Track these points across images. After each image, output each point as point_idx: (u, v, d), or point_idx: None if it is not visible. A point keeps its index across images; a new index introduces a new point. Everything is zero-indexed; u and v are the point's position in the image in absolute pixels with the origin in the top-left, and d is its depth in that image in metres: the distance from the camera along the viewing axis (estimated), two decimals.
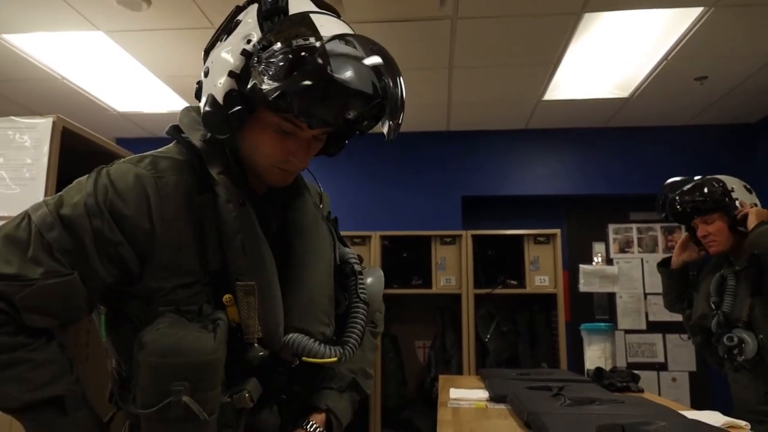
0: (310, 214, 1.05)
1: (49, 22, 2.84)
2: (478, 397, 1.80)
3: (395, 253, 3.84)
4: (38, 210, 0.86)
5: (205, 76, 0.91)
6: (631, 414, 1.33)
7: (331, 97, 0.81)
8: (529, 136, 4.52)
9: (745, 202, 2.17)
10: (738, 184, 2.24)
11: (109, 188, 0.87)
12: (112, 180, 0.88)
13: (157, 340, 0.83)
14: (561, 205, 4.61)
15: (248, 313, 0.89)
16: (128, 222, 0.86)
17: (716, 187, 2.21)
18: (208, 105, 0.88)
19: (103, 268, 0.86)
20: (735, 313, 2.11)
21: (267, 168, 0.94)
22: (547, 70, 3.42)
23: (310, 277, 0.99)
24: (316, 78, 0.79)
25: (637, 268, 4.49)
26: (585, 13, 2.76)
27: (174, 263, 0.88)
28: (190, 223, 0.90)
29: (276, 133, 0.90)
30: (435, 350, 3.72)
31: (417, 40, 3.04)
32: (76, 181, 0.92)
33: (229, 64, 0.85)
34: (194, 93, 0.97)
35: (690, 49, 3.09)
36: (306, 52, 0.79)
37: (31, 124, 1.61)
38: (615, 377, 2.09)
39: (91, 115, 4.13)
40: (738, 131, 4.34)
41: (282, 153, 0.92)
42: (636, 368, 3.16)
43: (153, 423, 0.83)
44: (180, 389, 0.81)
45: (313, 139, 0.94)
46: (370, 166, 4.51)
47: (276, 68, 0.79)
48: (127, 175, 0.88)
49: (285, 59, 0.79)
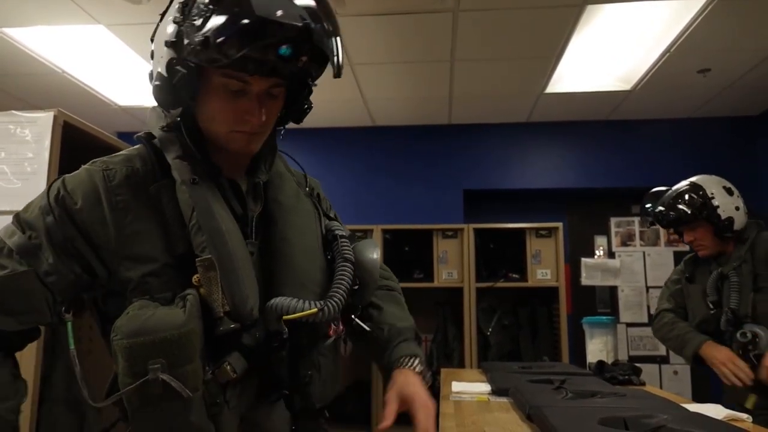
0: (291, 191, 1.06)
1: (49, 15, 2.84)
2: (480, 390, 1.80)
3: (397, 246, 3.84)
4: (7, 222, 0.93)
5: (152, 59, 0.92)
6: (632, 407, 1.33)
7: (256, 34, 0.79)
8: (530, 129, 4.51)
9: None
10: (718, 187, 2.23)
11: (60, 188, 0.91)
12: (64, 181, 0.92)
13: (125, 323, 0.83)
14: (563, 199, 4.60)
15: (210, 288, 0.88)
16: (79, 215, 0.89)
17: (695, 198, 2.22)
18: (155, 80, 0.89)
19: (62, 265, 0.88)
20: (742, 309, 2.11)
21: (228, 136, 0.92)
22: (549, 63, 3.41)
23: (295, 250, 0.99)
24: (235, 14, 0.78)
25: (639, 261, 4.49)
26: (587, 5, 2.75)
27: (135, 252, 0.89)
28: (148, 210, 0.91)
29: (225, 94, 0.89)
30: (437, 344, 3.73)
31: (418, 33, 3.03)
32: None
33: (165, 35, 0.86)
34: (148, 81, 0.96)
35: (693, 41, 3.08)
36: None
37: (32, 118, 1.61)
38: (617, 370, 2.09)
39: (92, 109, 4.12)
40: (740, 124, 4.33)
41: (236, 113, 0.90)
42: (638, 361, 3.16)
43: (137, 409, 0.82)
44: (156, 367, 0.80)
45: (266, 96, 0.91)
46: (372, 159, 4.50)
47: (202, 20, 0.80)
48: (79, 174, 0.93)
49: (207, 9, 0.80)
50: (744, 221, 2.20)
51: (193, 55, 0.82)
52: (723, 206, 2.18)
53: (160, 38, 0.88)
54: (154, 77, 0.90)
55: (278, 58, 0.83)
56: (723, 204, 2.18)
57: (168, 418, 0.83)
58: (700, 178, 2.28)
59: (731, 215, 2.17)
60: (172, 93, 0.88)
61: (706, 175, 2.30)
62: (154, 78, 0.90)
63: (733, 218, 2.17)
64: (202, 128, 0.94)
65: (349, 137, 4.54)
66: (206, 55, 0.81)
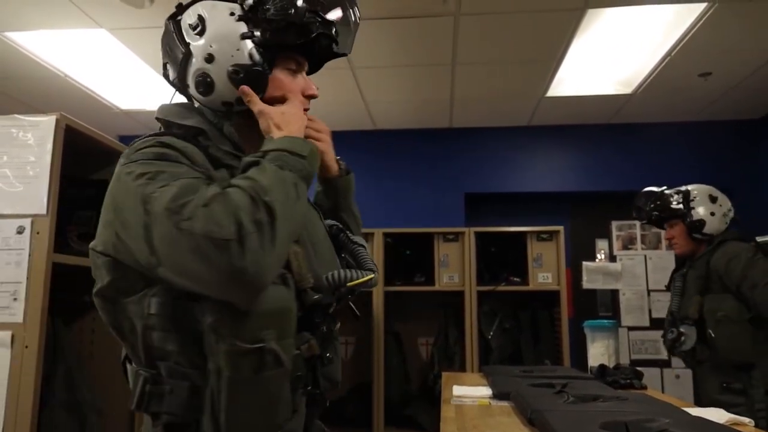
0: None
1: (52, 19, 2.85)
2: (482, 394, 1.80)
3: (398, 250, 3.84)
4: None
5: (211, 62, 0.99)
6: (634, 411, 1.32)
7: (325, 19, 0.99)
8: (532, 133, 4.51)
9: None
10: (703, 193, 2.37)
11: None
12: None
13: None
14: (564, 202, 4.60)
15: (299, 262, 0.92)
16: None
17: (676, 197, 2.39)
18: (239, 71, 0.98)
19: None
20: (682, 311, 2.32)
21: (298, 111, 1.03)
22: (550, 67, 3.41)
23: (314, 239, 1.05)
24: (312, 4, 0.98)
25: (641, 264, 4.49)
26: (588, 9, 2.75)
27: None
28: None
29: (289, 73, 1.04)
30: (438, 347, 3.72)
31: (420, 36, 3.03)
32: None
33: (237, 32, 0.98)
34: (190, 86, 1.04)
35: (694, 44, 3.08)
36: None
37: (34, 122, 1.61)
38: (618, 374, 2.08)
39: (94, 113, 4.13)
40: (742, 127, 4.33)
41: (303, 82, 1.07)
42: (639, 365, 3.15)
43: (244, 378, 0.83)
44: (269, 335, 0.83)
45: (313, 87, 1.08)
46: (373, 163, 4.51)
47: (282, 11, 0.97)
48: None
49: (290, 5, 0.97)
50: (718, 228, 2.33)
51: (281, 37, 0.98)
52: (698, 208, 2.33)
53: (226, 38, 0.98)
54: (235, 69, 0.97)
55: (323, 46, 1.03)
56: (699, 207, 2.33)
57: (269, 386, 0.85)
58: (691, 185, 2.42)
59: (703, 218, 2.32)
60: (262, 73, 0.98)
61: (698, 184, 2.42)
62: (235, 70, 0.97)
63: (704, 221, 2.31)
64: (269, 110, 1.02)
65: (350, 140, 4.54)
66: (296, 34, 0.98)
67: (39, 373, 1.50)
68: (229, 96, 1.00)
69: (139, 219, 0.82)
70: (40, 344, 1.51)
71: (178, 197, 0.80)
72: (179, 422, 0.86)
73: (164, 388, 0.86)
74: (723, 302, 2.20)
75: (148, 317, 0.86)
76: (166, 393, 0.86)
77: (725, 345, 2.19)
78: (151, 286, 0.87)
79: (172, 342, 0.86)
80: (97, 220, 0.93)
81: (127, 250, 0.85)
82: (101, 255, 0.90)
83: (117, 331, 0.92)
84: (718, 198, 2.36)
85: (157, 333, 0.87)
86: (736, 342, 2.16)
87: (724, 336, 2.19)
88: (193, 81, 1.01)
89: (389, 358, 3.64)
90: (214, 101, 1.01)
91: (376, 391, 3.47)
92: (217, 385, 0.83)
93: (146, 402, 0.87)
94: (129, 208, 0.84)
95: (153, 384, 0.87)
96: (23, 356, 1.49)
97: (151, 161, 0.87)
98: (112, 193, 0.90)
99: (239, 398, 0.83)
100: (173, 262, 0.80)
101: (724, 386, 2.21)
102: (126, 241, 0.85)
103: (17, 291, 1.52)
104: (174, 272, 0.81)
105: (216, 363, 0.83)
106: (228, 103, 1.01)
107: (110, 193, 0.90)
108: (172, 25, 1.05)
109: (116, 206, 0.87)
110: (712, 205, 2.33)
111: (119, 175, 0.89)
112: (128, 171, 0.87)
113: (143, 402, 0.87)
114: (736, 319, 2.16)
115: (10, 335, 1.50)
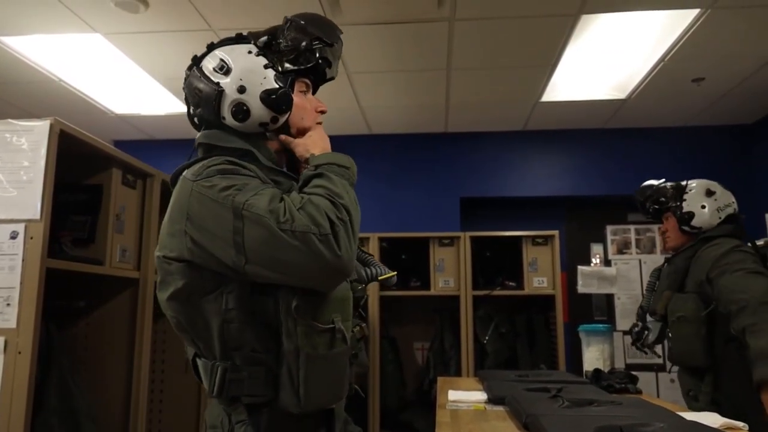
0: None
1: (46, 24, 2.84)
2: (477, 398, 1.80)
3: (394, 254, 3.84)
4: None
5: (243, 92, 1.13)
6: (629, 415, 1.33)
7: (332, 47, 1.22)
8: (527, 138, 4.52)
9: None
10: (701, 187, 2.28)
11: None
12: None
13: None
14: (559, 207, 4.61)
15: None
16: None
17: (671, 190, 2.32)
18: (270, 94, 1.13)
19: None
20: (651, 306, 2.31)
21: (314, 125, 1.22)
22: (545, 72, 3.43)
23: None
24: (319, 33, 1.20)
25: (635, 269, 4.50)
26: (582, 14, 2.77)
27: None
28: None
29: (302, 94, 1.22)
30: (433, 352, 3.72)
31: (415, 41, 3.04)
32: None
33: (260, 64, 1.15)
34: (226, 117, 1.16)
35: (687, 50, 3.10)
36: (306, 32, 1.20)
37: (28, 126, 1.61)
38: (613, 378, 2.08)
39: (88, 118, 4.12)
40: (735, 132, 4.35)
41: (314, 101, 1.25)
42: (634, 369, 3.15)
43: (320, 355, 1.00)
44: (338, 318, 1.02)
45: (321, 103, 1.26)
46: (368, 167, 4.50)
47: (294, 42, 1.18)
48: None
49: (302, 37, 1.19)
50: (708, 222, 2.20)
51: (295, 63, 1.18)
52: (690, 201, 2.25)
53: (253, 70, 1.15)
54: (267, 93, 1.13)
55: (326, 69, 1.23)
56: (691, 199, 2.25)
57: (337, 361, 1.03)
58: (695, 179, 2.34)
59: (692, 210, 2.22)
60: (289, 95, 1.15)
61: (704, 179, 2.33)
62: (267, 94, 1.13)
63: (693, 213, 2.22)
64: (294, 129, 1.20)
65: (345, 145, 4.46)
66: (301, 61, 1.18)
67: (32, 379, 1.49)
68: (265, 117, 1.15)
69: (227, 224, 0.96)
70: (33, 350, 1.50)
71: (272, 202, 0.97)
72: (258, 402, 1.02)
73: (243, 374, 1.01)
74: (686, 302, 2.09)
75: (226, 312, 1.01)
76: (245, 378, 1.01)
77: (679, 346, 2.11)
78: (225, 284, 1.01)
79: (250, 332, 1.01)
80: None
81: (205, 252, 0.99)
82: (174, 261, 1.03)
83: (191, 329, 1.05)
84: (716, 192, 2.24)
85: (235, 325, 1.01)
86: (689, 344, 2.05)
87: (679, 337, 2.11)
88: (229, 112, 1.14)
89: (385, 363, 3.63)
90: (252, 125, 1.15)
91: (372, 396, 3.47)
92: (295, 363, 0.99)
93: (226, 388, 1.01)
94: (213, 215, 0.98)
95: (232, 372, 1.01)
96: (16, 362, 1.49)
97: (231, 176, 1.02)
98: (182, 204, 1.03)
99: (315, 372, 0.99)
100: (268, 258, 0.95)
101: (689, 394, 2.15)
102: (204, 244, 0.99)
103: (10, 296, 1.51)
104: (266, 267, 0.96)
105: (294, 343, 0.99)
106: (264, 124, 1.16)
107: (180, 205, 1.03)
108: (196, 70, 1.18)
109: (192, 215, 1.01)
110: (705, 199, 2.23)
111: (193, 189, 1.02)
112: (208, 185, 1.00)
113: (223, 389, 1.01)
114: (692, 319, 2.04)
115: (3, 341, 1.50)
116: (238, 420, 1.02)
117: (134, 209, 2.11)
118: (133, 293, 2.07)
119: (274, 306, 1.01)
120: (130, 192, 2.09)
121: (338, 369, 1.04)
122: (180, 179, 1.08)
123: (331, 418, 1.11)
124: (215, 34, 2.83)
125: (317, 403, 1.02)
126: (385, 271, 1.19)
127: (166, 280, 1.05)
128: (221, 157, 1.08)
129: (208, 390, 1.04)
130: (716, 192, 2.25)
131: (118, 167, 2.01)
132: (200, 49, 1.20)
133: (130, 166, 2.07)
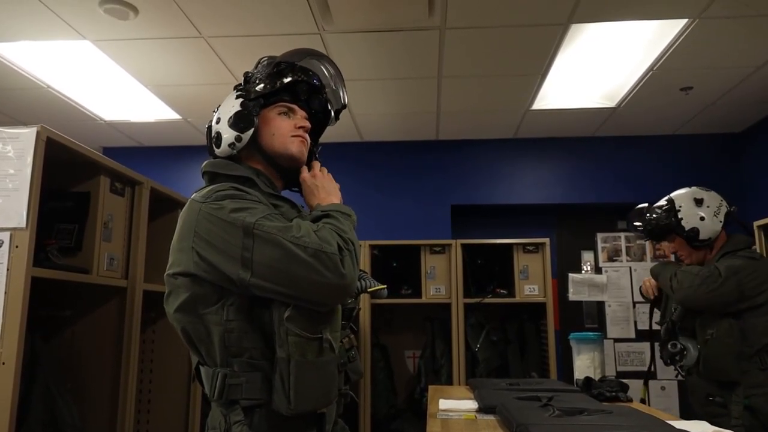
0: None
1: (35, 31, 2.82)
2: (468, 407, 1.79)
3: (385, 262, 3.83)
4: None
5: (218, 123, 1.31)
6: (619, 424, 1.32)
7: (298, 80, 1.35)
8: (517, 145, 4.54)
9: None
10: (688, 199, 2.30)
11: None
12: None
13: None
14: (550, 214, 4.63)
15: None
16: None
17: (663, 213, 2.32)
18: (234, 117, 1.27)
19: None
20: (683, 322, 2.23)
21: (287, 142, 1.32)
22: (535, 80, 3.44)
23: None
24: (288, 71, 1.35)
25: (626, 276, 4.51)
26: (572, 23, 2.79)
27: None
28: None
29: (279, 116, 1.34)
30: (425, 360, 3.71)
31: (405, 49, 3.05)
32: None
33: (233, 97, 1.31)
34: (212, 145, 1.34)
35: (675, 60, 3.13)
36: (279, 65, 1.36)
37: (14, 134, 1.59)
38: (604, 387, 2.09)
39: (77, 124, 4.09)
40: (724, 141, 4.39)
41: (291, 123, 1.34)
42: (625, 377, 3.17)
43: (308, 361, 1.08)
44: (325, 329, 1.11)
45: (304, 121, 1.36)
46: (359, 175, 4.51)
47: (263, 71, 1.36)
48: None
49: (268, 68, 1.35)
50: (713, 230, 2.24)
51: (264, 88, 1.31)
52: (686, 218, 2.26)
53: (226, 103, 1.32)
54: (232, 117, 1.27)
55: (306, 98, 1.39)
56: (686, 216, 2.26)
57: (325, 368, 1.11)
58: (676, 192, 2.35)
59: (695, 225, 2.24)
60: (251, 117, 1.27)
61: (683, 189, 2.35)
62: (232, 117, 1.27)
63: (697, 228, 2.23)
64: (268, 150, 1.32)
65: (336, 152, 4.51)
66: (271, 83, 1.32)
67: (16, 391, 1.47)
68: (230, 138, 1.27)
69: (236, 240, 1.08)
70: (17, 361, 1.48)
71: (283, 223, 1.11)
72: (255, 404, 1.10)
73: (241, 380, 1.10)
74: (714, 320, 2.13)
75: (227, 322, 1.10)
76: (243, 383, 1.10)
77: (711, 363, 2.14)
78: (227, 297, 1.11)
79: (249, 340, 1.11)
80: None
81: (210, 266, 1.09)
82: (180, 276, 1.13)
83: (196, 338, 1.14)
84: (704, 199, 2.28)
85: (235, 334, 1.10)
86: (722, 362, 2.10)
87: (711, 355, 2.13)
88: (212, 142, 1.32)
89: (376, 371, 3.61)
90: (224, 148, 1.27)
91: (363, 405, 3.45)
92: (287, 369, 1.07)
93: (226, 393, 1.10)
94: (221, 232, 1.09)
95: (231, 377, 1.10)
96: (0, 372, 1.46)
97: (240, 199, 1.14)
98: (191, 223, 1.13)
99: (305, 377, 1.07)
100: (277, 272, 1.06)
101: (709, 399, 2.19)
102: (210, 259, 1.09)
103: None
104: (272, 282, 1.06)
105: (286, 351, 1.07)
106: (231, 144, 1.27)
107: (188, 224, 1.14)
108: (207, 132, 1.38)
109: (200, 232, 1.11)
110: (699, 209, 2.25)
111: (201, 209, 1.13)
112: (218, 206, 1.12)
113: (223, 393, 1.10)
114: (725, 338, 2.10)
115: None
116: (235, 420, 1.10)
117: (122, 217, 2.09)
118: (120, 302, 2.05)
119: (270, 317, 1.10)
120: (118, 200, 2.07)
121: (326, 375, 1.12)
122: (188, 201, 1.19)
123: (321, 420, 1.19)
124: (205, 41, 2.82)
125: (306, 405, 1.09)
126: (375, 283, 1.27)
127: (172, 293, 1.16)
128: (227, 183, 1.19)
129: (210, 395, 1.13)
130: (703, 198, 2.28)
131: (106, 175, 1.99)
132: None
133: (118, 174, 2.05)
